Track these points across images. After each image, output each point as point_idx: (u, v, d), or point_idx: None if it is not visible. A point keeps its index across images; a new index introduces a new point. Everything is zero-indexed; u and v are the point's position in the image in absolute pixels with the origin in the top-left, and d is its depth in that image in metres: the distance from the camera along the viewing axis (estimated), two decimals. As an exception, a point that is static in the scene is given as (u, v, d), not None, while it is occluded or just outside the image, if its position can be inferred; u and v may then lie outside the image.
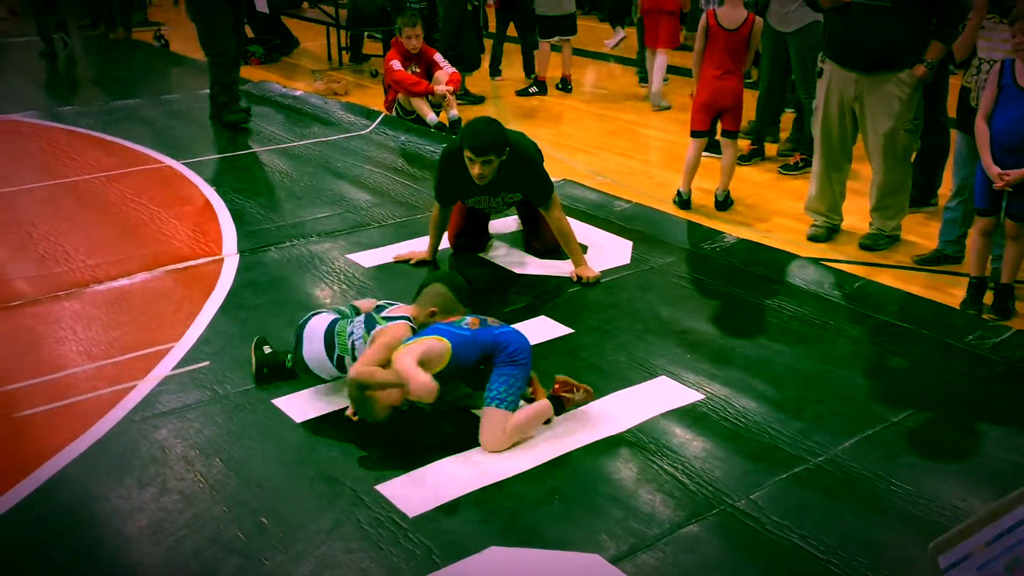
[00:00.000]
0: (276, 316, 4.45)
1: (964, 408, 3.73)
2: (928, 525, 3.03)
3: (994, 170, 4.37)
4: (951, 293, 4.77)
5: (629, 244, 5.27)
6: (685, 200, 5.99)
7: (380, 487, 3.19)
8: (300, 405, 3.69)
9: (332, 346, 3.64)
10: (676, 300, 4.66)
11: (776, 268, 5.03)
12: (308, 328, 3.73)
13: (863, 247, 5.38)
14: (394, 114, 7.96)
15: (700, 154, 6.00)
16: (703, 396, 3.76)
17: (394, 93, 7.92)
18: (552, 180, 4.90)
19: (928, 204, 5.94)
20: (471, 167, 4.56)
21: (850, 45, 5.16)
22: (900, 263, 5.20)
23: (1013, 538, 1.46)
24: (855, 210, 5.67)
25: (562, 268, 4.95)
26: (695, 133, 5.96)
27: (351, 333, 3.63)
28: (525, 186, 4.85)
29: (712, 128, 6.07)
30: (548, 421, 3.50)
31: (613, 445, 3.44)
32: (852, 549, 2.91)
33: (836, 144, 5.41)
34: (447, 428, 3.54)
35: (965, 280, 4.73)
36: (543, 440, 3.45)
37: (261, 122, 8.10)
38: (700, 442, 3.48)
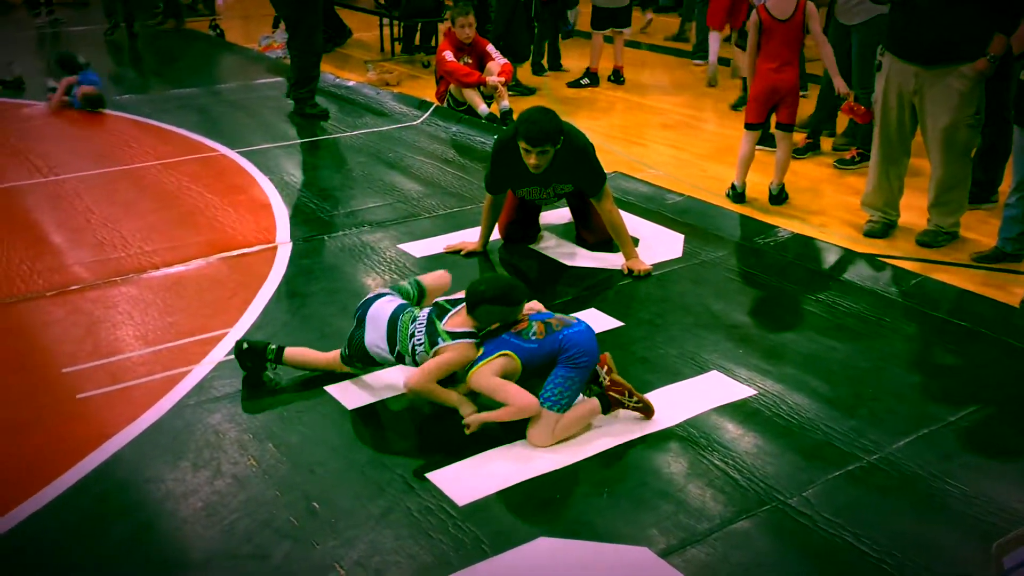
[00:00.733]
0: (328, 304, 4.49)
1: (1023, 409, 3.66)
2: (984, 526, 2.98)
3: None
4: (1011, 291, 4.67)
5: (681, 237, 5.23)
6: (739, 194, 5.93)
7: (430, 475, 3.21)
8: (351, 393, 3.71)
9: (393, 340, 3.58)
10: (728, 294, 4.62)
11: (831, 264, 4.96)
12: (371, 312, 3.67)
13: (920, 244, 5.28)
14: (446, 105, 7.97)
15: (754, 147, 5.93)
16: (755, 392, 3.72)
17: (446, 84, 7.93)
18: (603, 177, 4.88)
19: (988, 201, 5.82)
20: (527, 157, 4.56)
21: (911, 37, 5.07)
22: (958, 261, 5.10)
23: (1081, 541, 1.42)
24: (912, 206, 5.57)
25: (613, 261, 4.93)
26: (749, 126, 5.89)
27: (412, 334, 3.54)
28: (578, 176, 4.84)
29: (767, 121, 6.00)
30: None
31: (663, 439, 3.42)
32: (906, 548, 2.87)
33: (894, 138, 5.32)
34: (489, 428, 3.54)
35: (1025, 278, 4.64)
36: (593, 434, 3.44)
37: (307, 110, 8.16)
38: (752, 438, 3.45)
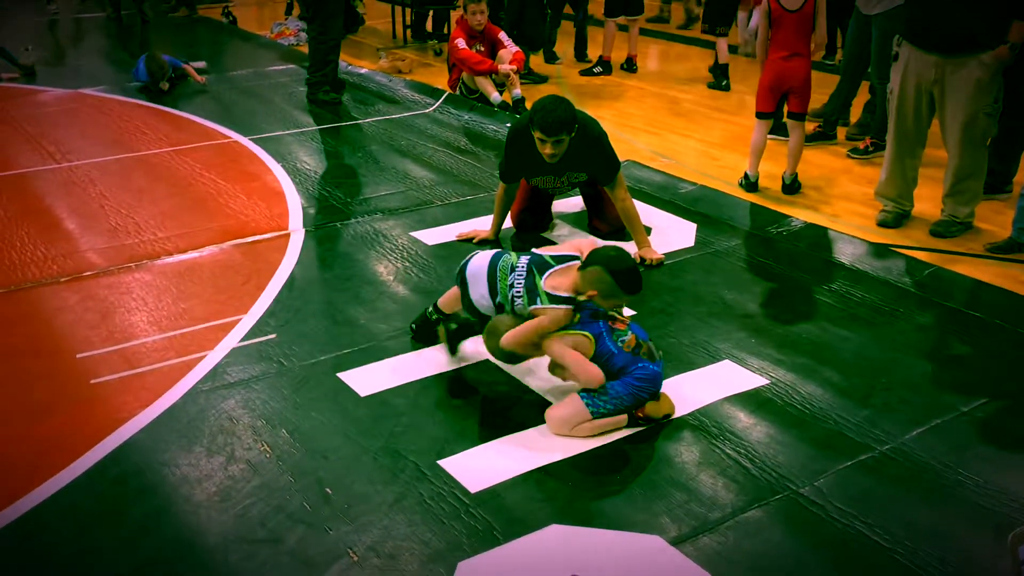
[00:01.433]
0: (341, 291, 4.50)
1: (1038, 399, 3.65)
2: (998, 517, 2.97)
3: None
4: (1025, 282, 4.65)
5: (693, 226, 5.23)
6: (752, 183, 5.92)
7: (443, 462, 3.22)
8: (365, 379, 3.72)
9: (494, 289, 3.63)
10: (741, 284, 4.61)
11: (844, 253, 4.94)
12: (470, 269, 3.72)
13: (934, 234, 5.26)
14: (458, 93, 7.97)
15: (766, 136, 5.91)
16: (768, 381, 3.72)
17: (458, 72, 7.92)
18: (617, 165, 4.87)
19: (1003, 191, 5.79)
20: (541, 147, 4.56)
21: (931, 27, 5.03)
22: (972, 251, 5.08)
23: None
24: (926, 196, 5.55)
25: (627, 250, 4.91)
26: (760, 115, 5.87)
27: (512, 285, 3.56)
28: (591, 165, 4.83)
29: (778, 110, 5.98)
30: None
31: (675, 428, 3.42)
32: (918, 539, 2.87)
33: (911, 129, 5.30)
34: (510, 407, 3.56)
35: (1040, 269, 4.61)
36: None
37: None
38: (764, 427, 3.45)
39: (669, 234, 5.12)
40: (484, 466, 3.20)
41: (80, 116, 7.75)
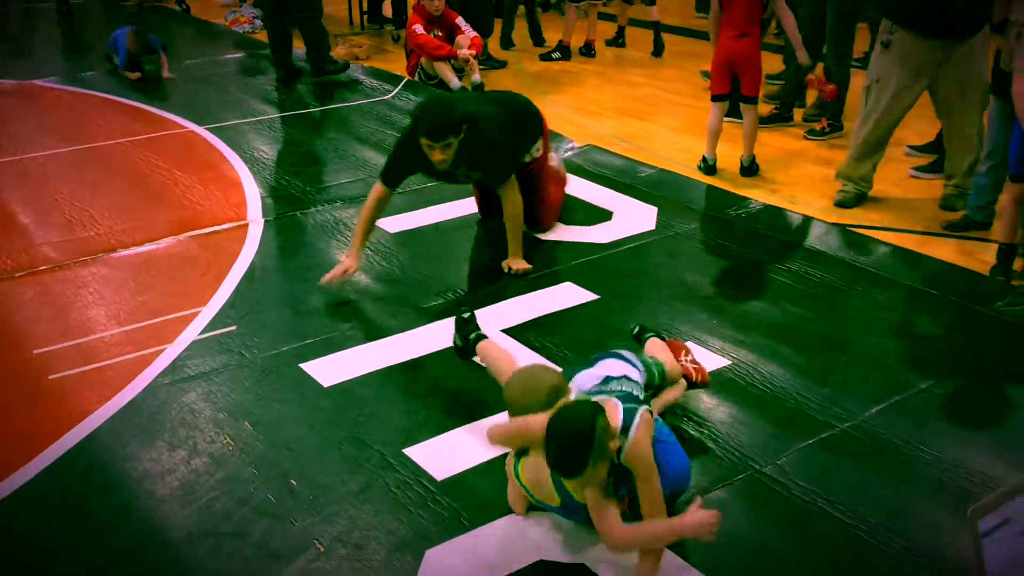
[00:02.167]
0: (302, 281, 4.46)
1: (993, 375, 3.71)
2: (957, 491, 3.02)
3: (1038, 136, 4.29)
4: (980, 259, 4.71)
5: (654, 210, 5.24)
6: (711, 166, 5.94)
7: (408, 451, 3.21)
8: (327, 369, 3.70)
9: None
10: (701, 266, 4.64)
11: (802, 234, 4.99)
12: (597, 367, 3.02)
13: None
14: (417, 79, 7.92)
15: (722, 118, 5.93)
16: (729, 362, 3.75)
17: (417, 57, 7.87)
18: (511, 168, 4.49)
19: (943, 170, 5.83)
20: (430, 153, 4.20)
21: (943, 13, 4.92)
22: (928, 229, 5.15)
23: (1053, 503, 1.45)
24: (882, 177, 5.60)
25: (590, 234, 4.94)
26: (715, 97, 5.89)
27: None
28: (485, 168, 4.48)
29: (734, 91, 5.99)
30: None
31: (639, 410, 3.44)
32: (880, 514, 2.91)
33: (897, 117, 5.27)
34: (474, 395, 3.55)
35: (994, 246, 4.67)
36: (569, 405, 3.45)
37: (283, 87, 8.09)
38: (726, 407, 3.48)
39: (630, 218, 5.14)
40: (449, 454, 3.20)
41: (33, 107, 7.61)
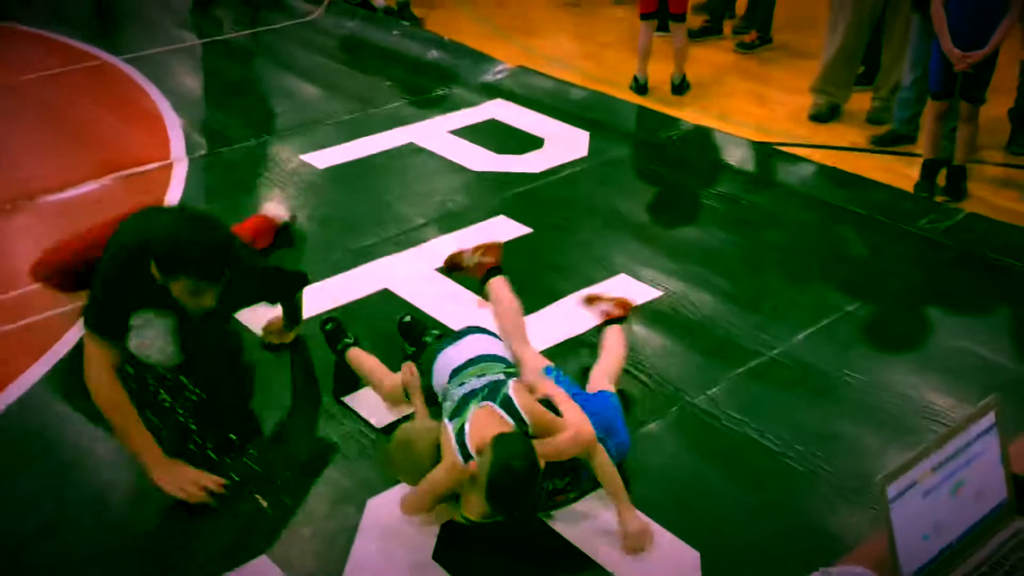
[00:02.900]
0: (231, 223, 4.37)
1: (917, 295, 3.82)
2: (881, 415, 3.14)
3: (955, 53, 4.33)
4: (906, 175, 4.80)
5: (586, 135, 5.22)
6: (642, 85, 5.91)
7: (348, 399, 3.23)
8: (262, 318, 3.65)
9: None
10: (634, 193, 4.66)
11: (732, 156, 5.03)
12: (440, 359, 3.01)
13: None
14: (341, -1, 7.69)
15: (652, 36, 5.88)
16: (661, 293, 3.80)
17: (340, -23, 7.62)
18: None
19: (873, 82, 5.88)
20: (190, 298, 2.75)
21: None
22: (855, 144, 5.21)
23: (957, 463, 1.51)
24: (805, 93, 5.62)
25: (522, 163, 4.92)
26: (644, 16, 5.82)
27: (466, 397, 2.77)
28: (259, 295, 3.36)
29: (662, 8, 5.92)
30: None
31: (575, 346, 3.49)
32: (807, 441, 3.02)
33: (865, 19, 5.28)
34: (399, 346, 3.56)
35: (919, 160, 4.75)
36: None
37: (200, 11, 7.80)
38: (659, 339, 3.54)
39: (561, 145, 5.11)
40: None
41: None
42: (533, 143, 5.15)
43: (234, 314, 3.48)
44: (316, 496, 2.84)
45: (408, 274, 3.94)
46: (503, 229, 4.27)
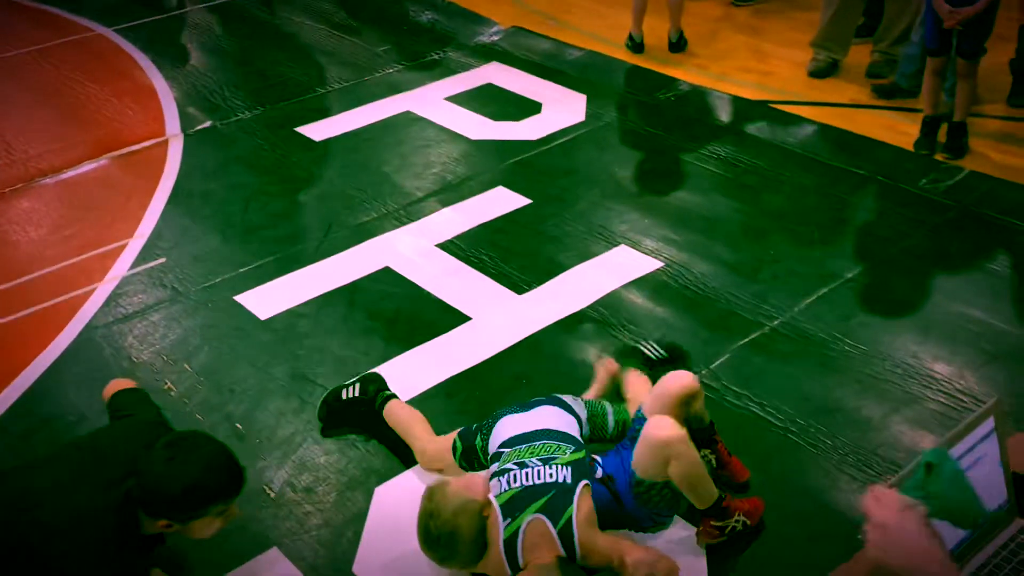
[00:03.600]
0: (229, 202, 4.38)
1: (918, 259, 3.81)
2: (882, 384, 3.15)
3: (944, 8, 4.27)
4: (906, 132, 4.75)
5: (583, 98, 5.17)
6: (638, 44, 5.84)
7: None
8: (263, 300, 3.68)
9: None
10: (632, 160, 4.64)
11: (730, 116, 4.99)
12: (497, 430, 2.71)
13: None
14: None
15: (647, -8, 5.80)
16: (662, 263, 3.80)
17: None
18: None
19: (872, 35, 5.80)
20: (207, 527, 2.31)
21: None
22: (855, 100, 5.16)
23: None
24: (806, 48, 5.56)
25: (518, 131, 4.88)
26: (638, -30, 5.74)
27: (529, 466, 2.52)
28: None
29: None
30: None
31: (577, 322, 3.49)
32: (809, 415, 3.04)
33: None
34: (415, 317, 3.57)
35: (920, 116, 4.70)
36: (506, 324, 3.49)
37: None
38: (661, 312, 3.55)
39: (559, 109, 5.07)
40: (392, 384, 3.22)
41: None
42: (531, 108, 5.10)
43: None
44: (323, 485, 2.87)
45: (409, 251, 3.94)
46: (502, 202, 4.25)
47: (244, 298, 3.70)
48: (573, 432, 2.64)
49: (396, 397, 3.02)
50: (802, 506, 2.74)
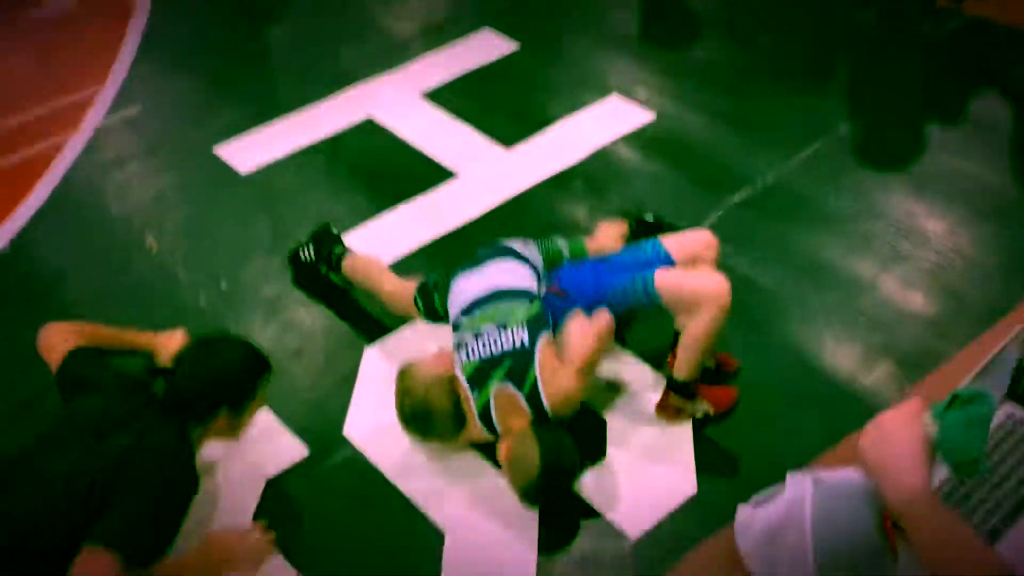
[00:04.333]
0: (204, 39, 4.22)
1: (913, 110, 3.72)
2: (873, 243, 3.12)
3: None
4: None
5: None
6: None
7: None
8: (244, 153, 3.57)
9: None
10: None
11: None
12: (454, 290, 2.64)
13: None
14: None
15: None
16: (654, 115, 3.69)
17: None
18: None
19: None
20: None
21: None
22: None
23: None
24: None
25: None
26: None
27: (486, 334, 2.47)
28: None
29: None
30: None
31: (567, 179, 3.42)
32: (799, 274, 3.01)
33: None
34: (400, 171, 3.48)
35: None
36: (497, 181, 3.40)
37: None
38: (652, 168, 3.47)
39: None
40: (378, 242, 3.16)
41: None
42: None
43: None
44: (313, 346, 2.85)
45: (393, 100, 3.80)
46: (488, 47, 4.09)
47: (223, 151, 3.58)
48: (526, 283, 2.57)
49: (349, 251, 2.93)
50: (793, 369, 2.73)
